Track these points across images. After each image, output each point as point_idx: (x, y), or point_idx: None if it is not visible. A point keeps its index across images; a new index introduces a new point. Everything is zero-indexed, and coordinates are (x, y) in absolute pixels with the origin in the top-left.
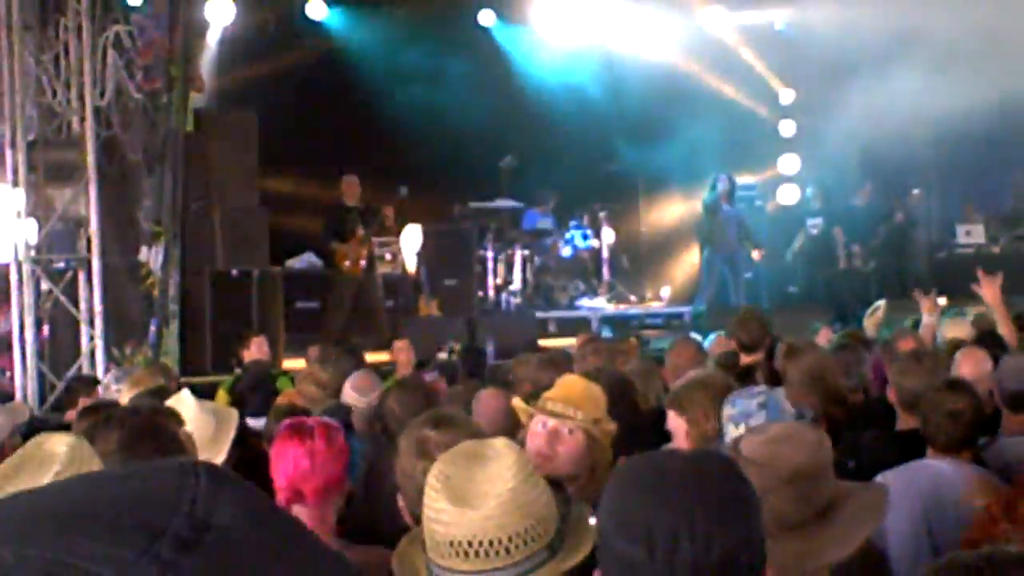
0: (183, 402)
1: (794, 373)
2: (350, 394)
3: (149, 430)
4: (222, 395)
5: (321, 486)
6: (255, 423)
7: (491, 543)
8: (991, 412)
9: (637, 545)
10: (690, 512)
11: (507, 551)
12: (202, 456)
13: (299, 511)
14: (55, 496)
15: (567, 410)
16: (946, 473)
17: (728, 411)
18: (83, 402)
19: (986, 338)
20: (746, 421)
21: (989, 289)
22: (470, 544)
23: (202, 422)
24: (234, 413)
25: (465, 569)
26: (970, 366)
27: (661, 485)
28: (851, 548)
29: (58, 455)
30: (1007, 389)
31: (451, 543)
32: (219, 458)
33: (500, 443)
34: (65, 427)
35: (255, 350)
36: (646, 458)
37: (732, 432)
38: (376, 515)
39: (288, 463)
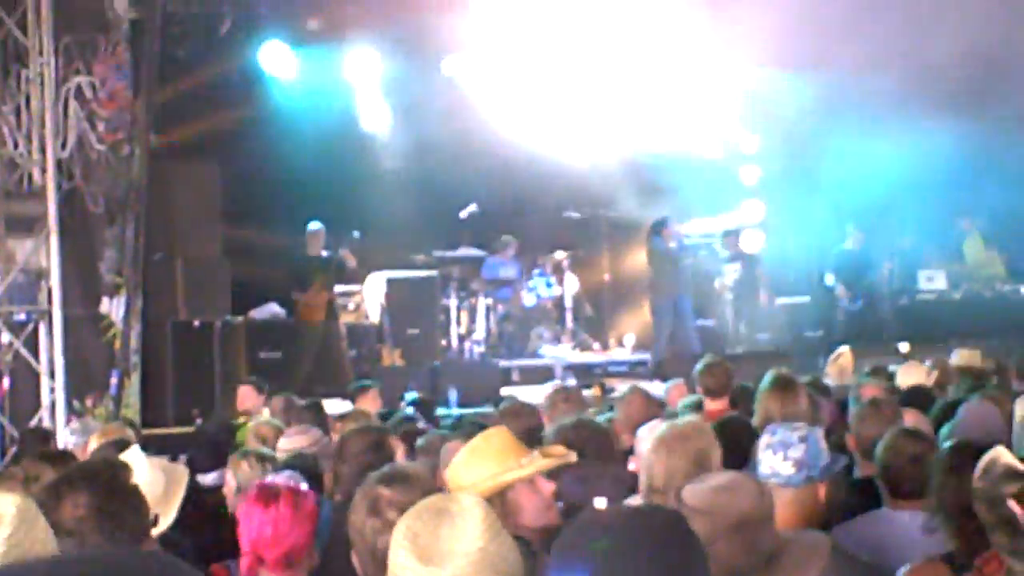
0: (134, 459)
1: None
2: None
3: (120, 489)
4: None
5: (283, 554)
6: (204, 479)
7: None
8: None
9: None
10: (635, 569)
11: None
12: (153, 511)
13: (265, 574)
14: None
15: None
16: (908, 524)
17: (767, 439)
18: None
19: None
20: (785, 451)
21: None
22: None
23: (153, 479)
24: (184, 471)
25: None
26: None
27: (603, 542)
28: None
29: (6, 516)
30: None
31: None
32: (170, 515)
33: (467, 499)
34: None
35: (240, 400)
36: (591, 515)
37: (770, 459)
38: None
39: (252, 528)
